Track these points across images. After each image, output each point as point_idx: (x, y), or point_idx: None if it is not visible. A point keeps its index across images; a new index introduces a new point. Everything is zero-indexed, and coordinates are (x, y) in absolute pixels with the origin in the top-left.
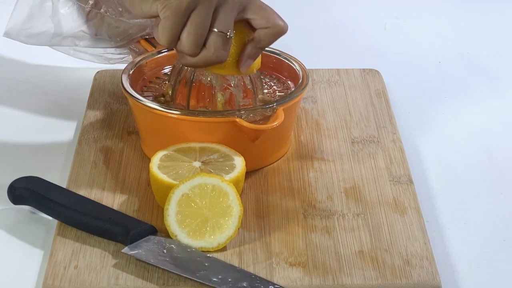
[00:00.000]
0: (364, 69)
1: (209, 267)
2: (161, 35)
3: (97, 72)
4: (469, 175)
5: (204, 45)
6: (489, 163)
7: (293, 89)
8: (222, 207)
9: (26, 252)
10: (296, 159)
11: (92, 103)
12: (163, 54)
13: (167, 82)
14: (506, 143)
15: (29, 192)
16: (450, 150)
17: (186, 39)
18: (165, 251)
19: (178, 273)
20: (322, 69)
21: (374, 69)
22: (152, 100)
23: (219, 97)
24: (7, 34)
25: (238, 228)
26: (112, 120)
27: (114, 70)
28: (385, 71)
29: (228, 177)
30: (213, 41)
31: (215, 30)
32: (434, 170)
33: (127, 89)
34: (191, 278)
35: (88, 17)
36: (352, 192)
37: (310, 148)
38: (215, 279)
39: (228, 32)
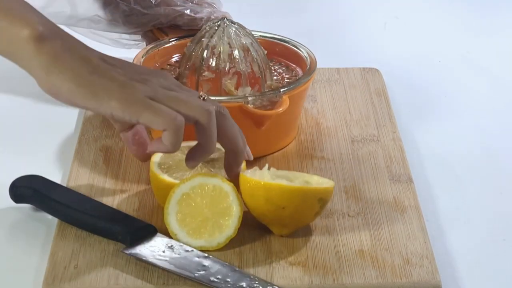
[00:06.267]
0: (364, 68)
1: (208, 267)
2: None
3: None
4: (469, 174)
5: None
6: (489, 163)
7: (301, 75)
8: (223, 207)
9: (26, 251)
10: (296, 158)
11: None
12: (174, 42)
13: (178, 69)
14: (506, 142)
15: (31, 190)
16: (450, 149)
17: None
18: (164, 251)
19: (177, 273)
20: (322, 68)
21: (374, 68)
22: None
23: (228, 85)
24: None
25: (238, 228)
26: None
27: None
28: (385, 70)
29: None
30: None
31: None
32: (434, 169)
33: None
34: (190, 278)
35: (104, 2)
36: (352, 191)
37: (310, 147)
38: (214, 279)
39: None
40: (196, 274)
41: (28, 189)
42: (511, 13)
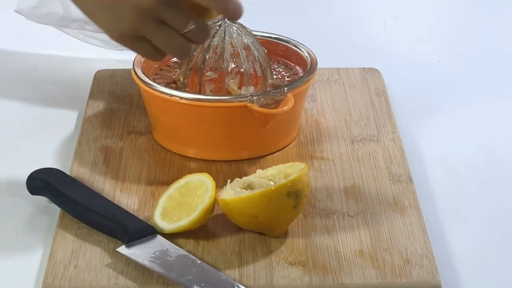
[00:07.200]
0: (364, 68)
1: (196, 273)
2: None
3: (97, 71)
4: (469, 174)
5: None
6: (489, 163)
7: (301, 74)
8: (196, 194)
9: (26, 251)
10: (296, 158)
11: (92, 103)
12: None
13: (178, 70)
14: (506, 142)
15: (44, 183)
16: (450, 149)
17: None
18: (157, 253)
19: (165, 276)
20: (322, 68)
21: (374, 68)
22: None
23: (231, 85)
24: (19, 11)
25: (207, 212)
26: (112, 119)
27: (114, 69)
28: (385, 70)
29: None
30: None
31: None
32: (434, 169)
33: (139, 75)
34: (177, 282)
35: None
36: (352, 191)
37: (310, 147)
38: (197, 287)
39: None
40: (183, 279)
41: (42, 182)
42: (511, 13)
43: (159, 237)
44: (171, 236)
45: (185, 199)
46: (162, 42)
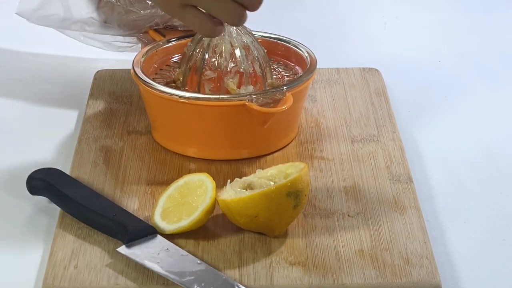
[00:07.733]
0: (364, 68)
1: (196, 273)
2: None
3: (97, 71)
4: (469, 174)
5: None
6: (488, 163)
7: (301, 74)
8: (196, 194)
9: (26, 251)
10: (296, 158)
11: (92, 103)
12: (174, 43)
13: (177, 69)
14: (506, 142)
15: (44, 183)
16: (450, 149)
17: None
18: (159, 253)
19: (165, 276)
20: (322, 68)
21: (374, 68)
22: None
23: (230, 84)
24: (20, 14)
25: (208, 212)
26: (112, 119)
27: (114, 69)
28: (385, 70)
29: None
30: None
31: None
32: (434, 169)
33: (139, 74)
34: (177, 283)
35: (99, 5)
36: (352, 191)
37: (310, 147)
38: (197, 287)
39: None
40: (183, 279)
41: (42, 182)
42: (511, 13)
43: (159, 237)
44: (171, 236)
45: (185, 199)
46: (215, 8)
